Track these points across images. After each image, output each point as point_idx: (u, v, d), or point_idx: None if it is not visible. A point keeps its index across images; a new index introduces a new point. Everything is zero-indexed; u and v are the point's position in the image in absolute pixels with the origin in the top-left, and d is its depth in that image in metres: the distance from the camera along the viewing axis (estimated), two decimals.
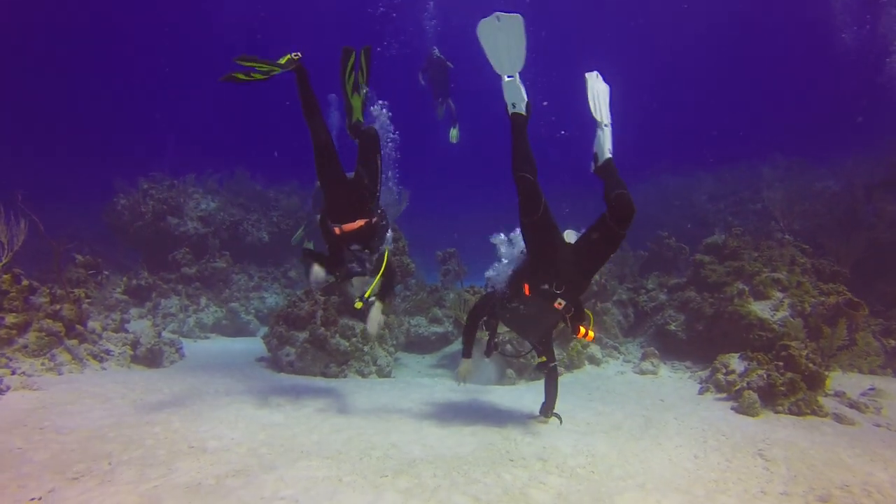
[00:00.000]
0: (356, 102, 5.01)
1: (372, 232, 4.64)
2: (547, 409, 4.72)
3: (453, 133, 12.04)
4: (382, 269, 4.71)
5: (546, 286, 4.04)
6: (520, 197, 4.06)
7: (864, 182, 12.43)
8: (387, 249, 4.88)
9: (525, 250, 4.38)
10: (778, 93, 34.72)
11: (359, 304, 4.62)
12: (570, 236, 4.31)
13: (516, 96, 4.17)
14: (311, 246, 11.96)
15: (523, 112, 4.19)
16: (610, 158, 4.15)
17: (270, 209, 14.14)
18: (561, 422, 4.61)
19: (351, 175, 4.81)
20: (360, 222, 4.55)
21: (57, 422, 3.68)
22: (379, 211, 4.86)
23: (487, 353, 4.75)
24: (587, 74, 4.31)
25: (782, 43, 32.15)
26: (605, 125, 4.23)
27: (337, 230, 4.55)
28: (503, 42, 4.08)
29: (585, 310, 4.47)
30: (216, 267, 11.23)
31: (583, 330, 4.22)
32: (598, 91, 4.27)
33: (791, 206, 10.81)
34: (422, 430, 4.28)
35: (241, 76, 4.26)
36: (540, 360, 4.44)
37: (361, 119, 5.04)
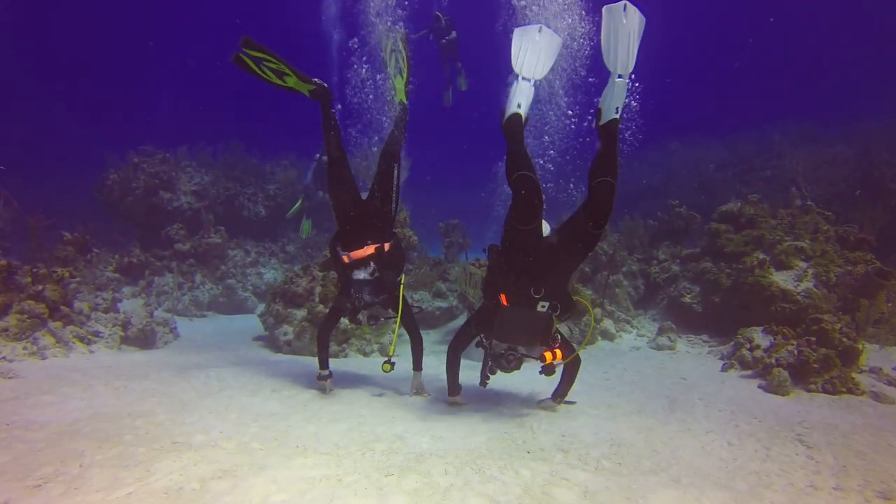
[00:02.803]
0: (399, 84, 4.85)
1: (384, 260, 4.28)
2: (557, 396, 4.30)
3: (447, 96, 11.77)
4: (400, 310, 4.35)
5: (523, 292, 3.69)
6: (520, 199, 3.60)
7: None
8: (402, 280, 4.51)
9: (495, 249, 3.98)
10: (788, 57, 33.65)
11: (387, 368, 4.24)
12: (543, 227, 3.92)
13: (524, 99, 3.76)
14: (308, 224, 11.57)
15: (523, 115, 3.76)
16: (616, 119, 3.58)
17: (267, 182, 13.67)
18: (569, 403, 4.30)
19: (364, 195, 4.51)
20: (370, 249, 4.22)
21: (27, 415, 3.34)
22: (393, 232, 4.53)
23: (482, 382, 4.26)
24: (607, 7, 3.54)
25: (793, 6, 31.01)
26: (620, 76, 3.55)
27: (345, 258, 4.22)
28: (535, 48, 3.73)
29: (579, 299, 4.19)
30: (211, 242, 10.83)
31: (548, 357, 3.80)
32: (619, 28, 3.48)
33: (809, 173, 10.33)
34: (429, 417, 3.95)
35: (251, 64, 4.10)
36: (546, 362, 3.91)
37: (405, 100, 4.84)
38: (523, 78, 3.82)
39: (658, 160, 18.53)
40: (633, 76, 4.54)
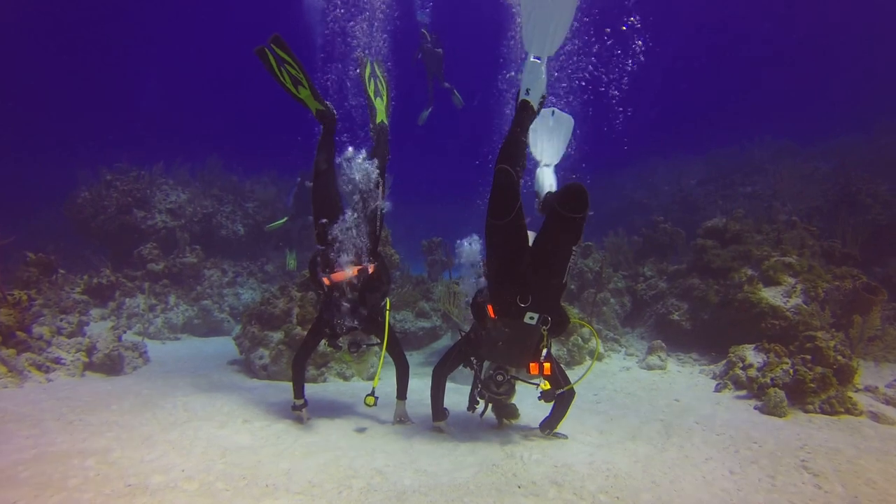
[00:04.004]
0: (379, 105, 4.83)
1: (367, 283, 4.05)
2: (546, 427, 4.03)
3: (423, 115, 11.72)
4: (386, 336, 4.11)
5: (510, 302, 3.47)
6: (493, 192, 3.45)
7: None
8: (388, 305, 4.31)
9: (481, 263, 3.84)
10: (764, 74, 34.50)
11: (370, 401, 4.02)
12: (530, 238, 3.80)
13: (535, 83, 3.62)
14: (293, 257, 11.24)
15: (534, 105, 3.66)
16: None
17: (246, 200, 13.32)
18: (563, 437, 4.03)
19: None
20: (353, 270, 4.00)
21: None
22: (377, 253, 4.30)
23: (470, 407, 4.01)
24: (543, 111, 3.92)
25: (768, 24, 31.89)
26: (547, 165, 3.91)
27: (326, 280, 3.97)
28: (546, 16, 3.52)
29: (577, 321, 4.04)
30: (186, 262, 10.44)
31: (534, 368, 3.54)
32: (545, 132, 3.94)
33: (793, 187, 10.40)
34: (412, 448, 3.68)
35: (272, 61, 4.07)
36: (543, 387, 3.66)
37: (386, 121, 4.79)
38: (534, 57, 3.66)
39: (639, 176, 18.67)
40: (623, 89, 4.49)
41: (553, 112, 3.90)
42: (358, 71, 5.11)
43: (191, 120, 34.88)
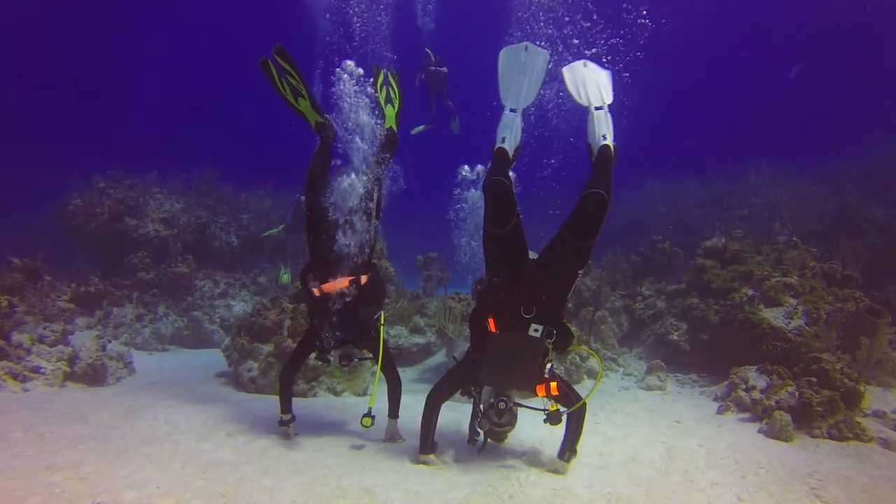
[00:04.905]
0: (389, 112, 4.73)
1: (360, 295, 3.90)
2: (566, 452, 3.61)
3: (418, 128, 11.67)
4: (381, 352, 3.95)
5: (513, 313, 3.33)
6: (491, 202, 3.37)
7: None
8: (381, 319, 4.16)
9: (484, 277, 3.67)
10: (762, 98, 34.91)
11: (367, 422, 3.81)
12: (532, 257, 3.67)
13: (510, 133, 3.63)
14: (287, 271, 11.06)
15: (509, 153, 3.60)
16: (605, 146, 3.55)
17: (241, 211, 13.18)
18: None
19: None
20: (344, 281, 3.85)
21: None
22: (371, 263, 4.17)
23: (471, 439, 3.78)
24: (564, 69, 3.85)
25: (765, 48, 32.37)
26: (596, 108, 3.70)
27: (316, 290, 3.83)
28: (520, 73, 3.65)
29: (582, 349, 3.88)
30: (177, 272, 10.24)
31: (541, 391, 3.41)
32: (581, 78, 3.78)
33: (793, 208, 10.37)
34: (403, 467, 3.49)
35: (274, 72, 4.05)
36: (551, 409, 3.48)
37: (394, 127, 4.67)
38: (510, 109, 3.69)
39: (636, 197, 18.68)
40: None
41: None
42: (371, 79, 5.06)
43: (187, 131, 34.87)
